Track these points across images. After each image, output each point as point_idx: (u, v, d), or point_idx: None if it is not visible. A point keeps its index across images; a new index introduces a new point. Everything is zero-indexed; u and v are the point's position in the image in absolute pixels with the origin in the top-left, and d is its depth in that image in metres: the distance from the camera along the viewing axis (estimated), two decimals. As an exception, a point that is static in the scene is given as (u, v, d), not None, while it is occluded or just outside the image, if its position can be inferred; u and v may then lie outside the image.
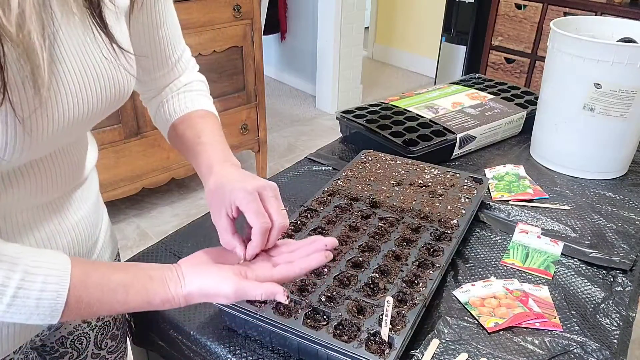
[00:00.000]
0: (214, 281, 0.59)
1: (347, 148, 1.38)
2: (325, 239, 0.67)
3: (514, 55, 3.38)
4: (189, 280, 0.59)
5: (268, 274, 0.63)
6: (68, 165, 0.65)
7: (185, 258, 0.63)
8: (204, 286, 0.59)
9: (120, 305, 0.56)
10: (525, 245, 0.99)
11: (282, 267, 0.64)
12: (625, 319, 0.83)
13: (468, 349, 0.76)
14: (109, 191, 2.24)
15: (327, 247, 0.66)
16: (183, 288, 0.58)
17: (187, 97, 0.79)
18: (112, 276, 0.56)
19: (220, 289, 0.59)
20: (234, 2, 2.34)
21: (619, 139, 1.19)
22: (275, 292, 0.59)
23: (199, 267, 0.61)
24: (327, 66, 3.73)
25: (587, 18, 1.31)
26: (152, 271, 0.59)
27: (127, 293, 0.56)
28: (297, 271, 0.64)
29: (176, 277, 0.59)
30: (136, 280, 0.57)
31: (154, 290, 0.57)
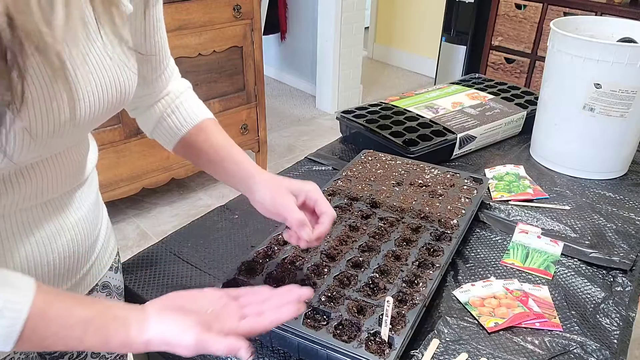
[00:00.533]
0: (176, 331, 0.56)
1: (347, 148, 1.38)
2: (300, 290, 0.64)
3: (514, 55, 3.38)
4: (151, 325, 0.56)
5: (234, 325, 0.59)
6: (69, 166, 0.65)
7: (155, 300, 0.60)
8: (165, 334, 0.56)
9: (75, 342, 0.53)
10: (525, 245, 0.99)
11: (250, 320, 0.61)
12: (625, 319, 0.83)
13: (468, 349, 0.76)
14: (109, 191, 2.24)
15: (302, 299, 0.64)
16: (144, 333, 0.55)
17: (191, 107, 0.81)
18: (74, 310, 0.53)
19: (181, 339, 0.56)
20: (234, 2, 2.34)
21: (619, 139, 1.19)
22: (238, 348, 0.56)
23: (164, 313, 0.58)
24: (327, 66, 3.73)
25: (587, 18, 1.31)
26: (117, 310, 0.56)
27: (85, 331, 0.53)
28: (266, 324, 0.61)
29: (139, 321, 0.56)
30: (98, 318, 0.54)
31: (115, 331, 0.54)
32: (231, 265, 0.90)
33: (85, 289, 0.75)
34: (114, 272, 0.83)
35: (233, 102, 2.53)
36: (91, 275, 0.75)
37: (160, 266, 0.94)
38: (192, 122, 0.80)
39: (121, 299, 0.85)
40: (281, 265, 0.83)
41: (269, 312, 0.62)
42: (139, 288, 0.89)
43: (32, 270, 0.63)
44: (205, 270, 0.92)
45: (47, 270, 0.65)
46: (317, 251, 0.87)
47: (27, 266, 0.62)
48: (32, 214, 0.62)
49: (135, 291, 0.88)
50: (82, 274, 0.72)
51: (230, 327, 0.59)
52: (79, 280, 0.72)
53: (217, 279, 0.89)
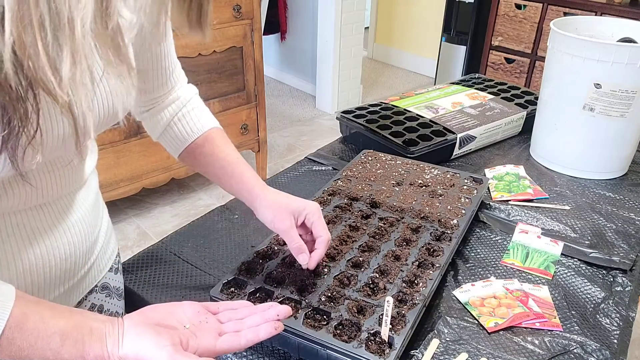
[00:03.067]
0: (150, 348, 0.56)
1: (347, 148, 1.38)
2: (278, 308, 0.64)
3: (514, 55, 3.38)
4: (127, 341, 0.56)
5: (211, 344, 0.59)
6: (67, 171, 0.65)
7: (132, 314, 0.60)
8: (140, 352, 0.55)
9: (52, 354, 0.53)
10: (525, 245, 0.99)
11: (226, 338, 0.61)
12: (625, 319, 0.83)
13: (468, 349, 0.76)
14: (109, 191, 2.24)
15: (279, 317, 0.63)
16: (120, 349, 0.55)
17: (198, 115, 0.83)
18: (51, 322, 0.53)
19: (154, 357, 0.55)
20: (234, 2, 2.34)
21: (619, 139, 1.19)
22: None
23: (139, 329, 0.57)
24: (327, 66, 3.73)
25: (587, 18, 1.31)
26: (94, 323, 0.56)
27: (62, 344, 0.53)
28: (243, 343, 0.61)
29: (116, 335, 0.56)
30: (75, 330, 0.54)
31: (90, 345, 0.54)
32: (231, 265, 0.90)
33: (84, 290, 0.75)
34: (113, 273, 0.83)
35: (233, 102, 2.53)
36: (90, 277, 0.75)
37: (160, 266, 0.94)
38: (199, 132, 0.81)
39: (120, 300, 0.85)
40: (281, 265, 0.83)
41: (247, 330, 0.62)
42: (139, 288, 0.89)
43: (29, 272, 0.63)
44: (205, 270, 0.92)
45: (44, 271, 0.65)
46: (317, 251, 0.87)
47: (24, 268, 0.62)
48: (29, 215, 0.62)
49: (135, 291, 0.88)
50: (80, 276, 0.72)
51: (207, 345, 0.59)
52: (77, 282, 0.72)
53: (217, 278, 0.89)
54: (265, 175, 2.83)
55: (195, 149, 0.82)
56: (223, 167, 0.82)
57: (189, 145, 0.81)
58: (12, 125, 0.45)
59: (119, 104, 0.61)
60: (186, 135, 0.81)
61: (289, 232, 0.78)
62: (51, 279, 0.66)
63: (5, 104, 0.43)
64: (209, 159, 0.82)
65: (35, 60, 0.42)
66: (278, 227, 0.79)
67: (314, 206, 0.81)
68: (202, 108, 0.85)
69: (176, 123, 0.81)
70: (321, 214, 0.80)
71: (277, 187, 1.18)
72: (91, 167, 0.74)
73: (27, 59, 0.42)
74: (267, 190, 0.81)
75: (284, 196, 0.81)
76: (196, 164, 0.84)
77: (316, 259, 0.78)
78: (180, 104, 0.82)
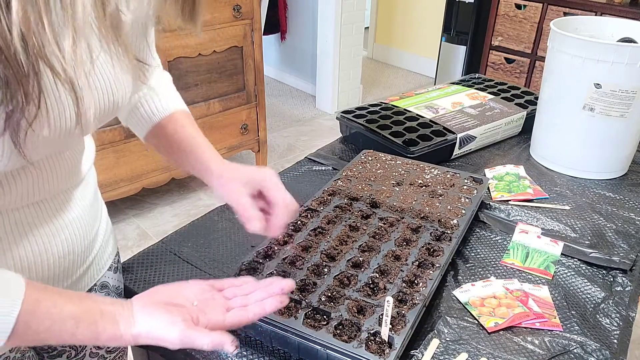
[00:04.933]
0: (162, 325, 0.57)
1: (347, 148, 1.38)
2: (282, 282, 0.66)
3: (514, 55, 3.38)
4: (139, 320, 0.58)
5: (220, 319, 0.61)
6: (64, 167, 0.65)
7: (140, 295, 0.62)
8: (152, 329, 0.57)
9: (69, 336, 0.55)
10: (525, 245, 0.99)
11: (234, 313, 0.63)
12: (625, 319, 0.83)
13: (468, 349, 0.76)
14: (109, 191, 2.24)
15: (284, 291, 0.65)
16: (132, 328, 0.57)
17: (165, 97, 0.82)
18: (63, 307, 0.55)
19: (167, 334, 0.57)
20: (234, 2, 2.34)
21: (619, 139, 1.19)
22: (223, 343, 0.58)
23: (150, 308, 0.59)
24: (327, 66, 3.73)
25: (587, 18, 1.31)
26: (104, 306, 0.57)
27: (76, 326, 0.54)
28: (250, 317, 0.63)
29: (127, 316, 0.58)
30: (87, 314, 0.56)
31: (104, 327, 0.56)
32: (231, 265, 0.90)
33: (83, 288, 0.75)
34: (113, 272, 0.83)
35: (233, 102, 2.53)
36: (89, 275, 0.75)
37: (160, 266, 0.94)
38: (165, 112, 0.80)
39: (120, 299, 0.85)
40: (281, 265, 0.83)
41: (254, 305, 0.64)
42: (139, 288, 0.89)
43: (27, 270, 0.63)
44: (205, 270, 0.92)
45: (42, 269, 0.65)
46: (317, 251, 0.87)
47: (21, 265, 0.62)
48: (26, 213, 0.62)
49: (136, 291, 0.88)
50: (79, 274, 0.72)
51: (216, 320, 0.61)
52: (76, 280, 0.72)
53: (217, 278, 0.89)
54: (265, 175, 2.83)
55: (160, 129, 0.80)
56: (183, 146, 0.80)
57: (154, 126, 0.80)
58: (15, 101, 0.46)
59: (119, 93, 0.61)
60: (151, 114, 0.80)
61: (235, 200, 0.75)
62: (49, 277, 0.66)
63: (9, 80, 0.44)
64: (170, 139, 0.80)
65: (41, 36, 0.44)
66: (230, 199, 0.76)
67: (266, 174, 0.77)
68: (171, 92, 0.84)
69: (142, 104, 0.80)
70: (277, 180, 0.77)
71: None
72: (89, 164, 0.74)
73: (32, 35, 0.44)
74: (224, 165, 0.79)
75: (238, 168, 0.78)
76: (160, 145, 0.82)
77: (277, 225, 0.74)
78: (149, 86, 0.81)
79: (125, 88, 0.62)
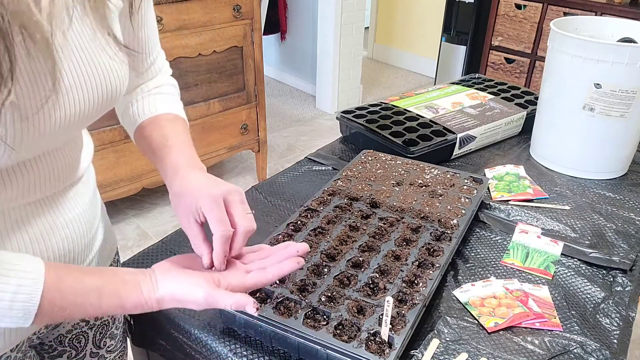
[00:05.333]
0: (186, 287, 0.59)
1: (347, 148, 1.38)
2: (297, 245, 0.68)
3: (514, 55, 3.38)
4: (162, 284, 0.59)
5: (240, 280, 0.63)
6: (61, 165, 0.65)
7: (159, 263, 0.63)
8: (177, 291, 0.59)
9: (94, 308, 0.56)
10: (525, 245, 0.99)
11: (254, 274, 0.64)
12: (625, 319, 0.83)
13: (468, 349, 0.76)
14: (109, 191, 2.24)
15: (299, 253, 0.67)
16: (156, 292, 0.58)
17: (157, 100, 0.79)
18: (85, 279, 0.56)
19: (192, 294, 0.59)
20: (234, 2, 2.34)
21: (619, 139, 1.19)
22: (246, 304, 0.59)
23: (172, 272, 0.61)
24: (327, 66, 3.73)
25: (587, 18, 1.31)
26: (125, 275, 0.59)
27: (100, 296, 0.56)
28: (270, 277, 0.64)
29: (149, 281, 0.59)
30: (109, 284, 0.57)
31: (127, 294, 0.57)
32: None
33: None
34: (112, 272, 0.83)
35: (233, 102, 2.53)
36: None
37: (160, 266, 0.93)
38: (148, 115, 0.76)
39: None
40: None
41: (271, 267, 0.65)
42: (139, 288, 0.89)
43: None
44: (205, 270, 0.92)
45: None
46: (317, 251, 0.87)
47: None
48: (24, 211, 0.62)
49: (135, 291, 0.88)
50: None
51: (237, 281, 0.62)
52: None
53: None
54: (265, 175, 2.83)
55: (143, 130, 0.76)
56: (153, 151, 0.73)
57: (137, 128, 0.77)
58: None
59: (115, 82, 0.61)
60: (137, 116, 0.77)
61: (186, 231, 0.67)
62: None
63: None
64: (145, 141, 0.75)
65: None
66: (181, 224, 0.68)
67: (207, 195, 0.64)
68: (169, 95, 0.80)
69: (133, 104, 0.78)
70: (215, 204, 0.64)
71: (277, 187, 1.19)
72: (87, 162, 0.74)
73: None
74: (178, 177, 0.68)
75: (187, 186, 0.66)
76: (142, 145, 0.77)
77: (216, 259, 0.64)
78: (146, 88, 0.79)
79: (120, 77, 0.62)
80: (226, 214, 0.64)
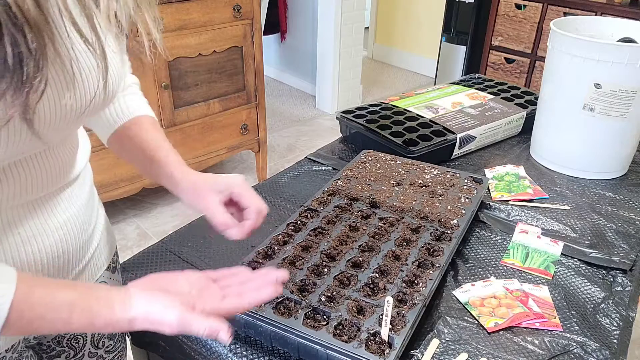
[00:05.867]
0: (160, 308, 0.57)
1: (347, 148, 1.38)
2: (277, 272, 0.67)
3: (514, 55, 3.38)
4: (135, 304, 0.57)
5: (216, 306, 0.61)
6: (56, 165, 0.65)
7: (136, 281, 0.61)
8: (150, 312, 0.57)
9: (63, 324, 0.54)
10: (525, 245, 0.99)
11: (230, 300, 0.63)
12: (625, 319, 0.83)
13: (468, 349, 0.76)
14: (109, 191, 2.24)
15: (279, 280, 0.66)
16: (129, 312, 0.57)
17: (132, 101, 0.81)
18: (57, 294, 0.54)
19: (165, 317, 0.57)
20: (234, 2, 2.34)
21: (619, 139, 1.19)
22: (219, 330, 0.58)
23: (147, 292, 0.59)
24: (327, 66, 3.73)
25: (587, 18, 1.31)
26: (99, 292, 0.57)
27: (71, 312, 0.54)
28: (246, 305, 0.63)
29: (123, 300, 0.57)
30: (82, 299, 0.55)
31: (99, 312, 0.55)
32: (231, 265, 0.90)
33: None
34: (111, 272, 0.83)
35: (233, 102, 2.53)
36: (86, 275, 0.75)
37: (160, 266, 0.94)
38: (129, 116, 0.79)
39: None
40: (281, 265, 0.83)
41: (249, 292, 0.64)
42: (139, 288, 0.89)
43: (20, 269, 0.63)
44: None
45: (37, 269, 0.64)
46: (317, 251, 0.87)
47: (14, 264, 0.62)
48: (16, 212, 0.61)
49: (135, 291, 0.88)
50: (75, 273, 0.72)
51: (212, 307, 0.61)
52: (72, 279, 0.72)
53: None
54: (265, 175, 2.83)
55: (122, 132, 0.79)
56: (144, 151, 0.78)
57: (116, 129, 0.79)
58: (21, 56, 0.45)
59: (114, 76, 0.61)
60: (116, 117, 0.79)
61: (210, 209, 0.75)
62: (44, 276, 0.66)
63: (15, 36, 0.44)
64: (132, 142, 0.79)
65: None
66: (200, 207, 0.76)
67: (237, 179, 0.77)
68: (137, 96, 0.83)
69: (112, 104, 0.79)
70: (248, 186, 0.77)
71: (277, 187, 1.19)
72: (84, 162, 0.74)
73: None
74: (188, 173, 0.78)
75: (204, 176, 0.78)
76: (122, 150, 0.81)
77: (248, 228, 0.75)
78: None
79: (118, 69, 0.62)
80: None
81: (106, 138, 0.81)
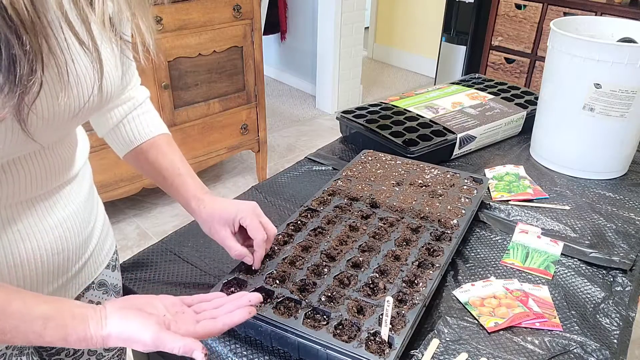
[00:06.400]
0: (135, 326, 0.58)
1: (347, 148, 1.38)
2: (250, 295, 0.68)
3: (514, 55, 3.38)
4: (111, 321, 0.58)
5: (191, 328, 0.62)
6: (55, 163, 0.65)
7: (113, 300, 0.62)
8: (125, 330, 0.58)
9: (36, 337, 0.55)
10: (525, 245, 0.99)
11: (204, 323, 0.64)
12: (625, 319, 0.83)
13: (468, 348, 0.76)
14: (109, 191, 2.24)
15: (252, 303, 0.67)
16: (103, 329, 0.57)
17: (147, 120, 0.83)
18: (34, 307, 0.55)
19: (140, 335, 0.58)
20: (234, 2, 2.34)
21: (619, 139, 1.19)
22: (194, 349, 0.58)
23: (123, 311, 0.60)
24: (327, 66, 3.73)
25: (587, 18, 1.31)
26: (76, 308, 0.58)
27: (44, 327, 0.55)
28: (220, 327, 0.64)
29: (98, 318, 0.58)
30: (58, 315, 0.56)
31: (73, 328, 0.56)
32: (231, 265, 0.90)
33: (80, 286, 0.75)
34: (111, 271, 0.83)
35: (233, 102, 2.53)
36: (86, 273, 0.75)
37: (160, 266, 0.94)
38: (147, 137, 0.82)
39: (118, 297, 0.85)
40: (281, 265, 0.83)
41: (222, 316, 0.65)
42: (138, 288, 0.89)
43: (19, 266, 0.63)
44: (205, 270, 0.92)
45: (36, 266, 0.65)
46: (317, 251, 0.87)
47: (14, 262, 0.62)
48: (15, 209, 0.61)
49: (135, 291, 0.88)
50: (74, 271, 0.72)
51: (187, 330, 0.62)
52: (71, 278, 0.72)
53: (217, 278, 0.89)
54: (265, 175, 2.83)
55: (140, 153, 0.83)
56: (164, 177, 0.83)
57: (134, 149, 0.82)
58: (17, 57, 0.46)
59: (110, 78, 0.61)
60: (133, 138, 0.82)
61: (225, 243, 0.80)
62: (43, 274, 0.66)
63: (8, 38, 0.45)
64: (151, 166, 0.83)
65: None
66: (216, 238, 0.82)
67: (246, 209, 0.81)
68: (152, 113, 0.86)
69: (125, 125, 0.82)
70: (254, 214, 0.81)
71: (277, 187, 1.19)
72: (83, 160, 0.74)
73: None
74: (202, 203, 0.82)
75: (217, 206, 0.82)
76: (139, 168, 0.85)
77: (258, 259, 0.81)
78: (132, 105, 0.82)
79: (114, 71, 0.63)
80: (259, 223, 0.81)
81: (122, 154, 0.84)
